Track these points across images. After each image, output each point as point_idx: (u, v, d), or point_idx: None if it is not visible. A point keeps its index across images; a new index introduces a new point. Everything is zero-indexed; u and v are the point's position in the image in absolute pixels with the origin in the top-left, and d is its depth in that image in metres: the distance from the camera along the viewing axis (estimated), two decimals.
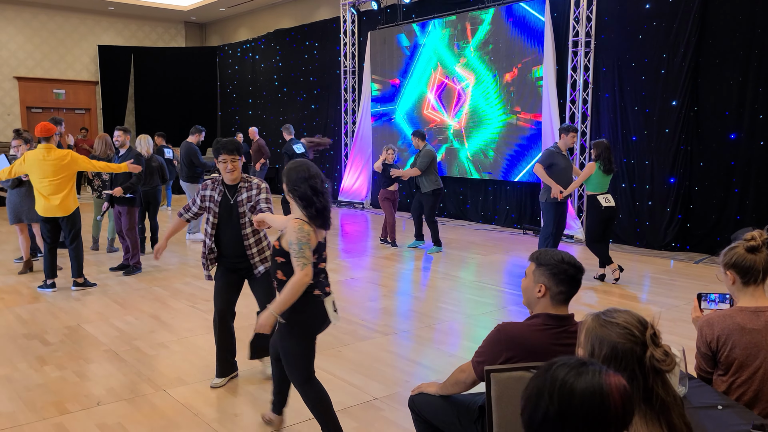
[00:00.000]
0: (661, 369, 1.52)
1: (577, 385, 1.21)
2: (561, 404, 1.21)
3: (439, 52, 11.06)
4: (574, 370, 1.24)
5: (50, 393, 3.83)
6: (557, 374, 1.24)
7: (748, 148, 7.49)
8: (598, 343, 1.57)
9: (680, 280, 6.78)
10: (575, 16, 8.97)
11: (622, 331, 1.55)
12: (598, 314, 1.63)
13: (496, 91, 10.20)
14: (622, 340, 1.54)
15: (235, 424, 3.43)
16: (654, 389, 1.52)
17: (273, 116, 15.53)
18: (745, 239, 2.44)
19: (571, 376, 1.22)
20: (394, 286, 6.53)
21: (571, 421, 1.19)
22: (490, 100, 10.31)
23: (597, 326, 1.60)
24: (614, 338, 1.55)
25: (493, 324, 2.34)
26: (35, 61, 16.47)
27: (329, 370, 4.20)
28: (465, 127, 10.76)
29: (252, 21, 17.02)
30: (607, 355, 1.55)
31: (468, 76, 10.63)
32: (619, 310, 1.62)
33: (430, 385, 2.63)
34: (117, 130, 7.05)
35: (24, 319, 5.35)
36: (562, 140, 6.67)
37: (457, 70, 10.78)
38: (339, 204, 13.15)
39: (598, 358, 1.56)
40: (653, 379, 1.52)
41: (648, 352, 1.52)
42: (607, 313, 1.61)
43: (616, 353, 1.54)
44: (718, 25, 7.64)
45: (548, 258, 2.25)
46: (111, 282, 6.63)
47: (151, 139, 8.06)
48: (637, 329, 1.55)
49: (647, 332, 1.55)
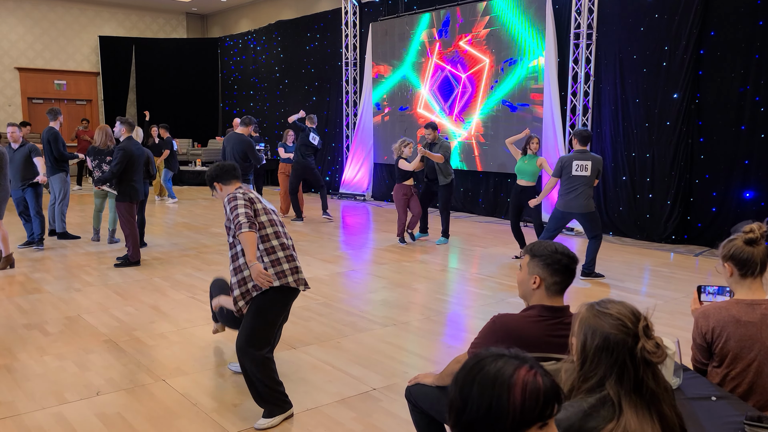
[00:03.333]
0: (651, 361, 1.53)
1: (483, 371, 1.18)
2: (463, 388, 1.19)
3: (440, 42, 11.02)
4: (492, 358, 1.20)
5: (50, 383, 3.85)
6: (477, 362, 1.21)
7: (748, 141, 7.47)
8: (590, 333, 1.58)
9: (680, 272, 6.78)
10: (577, 8, 8.93)
11: (614, 323, 1.56)
12: (592, 304, 1.64)
13: (497, 83, 10.17)
14: (614, 331, 1.55)
15: (234, 414, 3.45)
16: (644, 380, 1.53)
17: (274, 108, 15.51)
18: (744, 231, 2.44)
19: (486, 363, 1.20)
20: (394, 278, 6.54)
21: (469, 405, 1.17)
22: (490, 91, 10.28)
23: (590, 316, 1.60)
24: (607, 329, 1.56)
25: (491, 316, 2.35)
26: (36, 51, 16.46)
27: (328, 360, 4.22)
28: (465, 119, 10.74)
29: (253, 12, 16.97)
30: (599, 345, 1.56)
31: (469, 67, 10.60)
32: (613, 301, 1.63)
33: (427, 376, 2.64)
34: (117, 121, 7.04)
35: (24, 309, 5.37)
36: None
37: (458, 60, 10.75)
38: (340, 196, 13.15)
39: (590, 348, 1.57)
40: (644, 371, 1.53)
41: (639, 344, 1.53)
42: (601, 303, 1.62)
43: (608, 344, 1.55)
44: (720, 18, 7.61)
45: (542, 249, 2.26)
46: (111, 273, 6.64)
47: (142, 130, 8.02)
48: (630, 321, 1.56)
49: (640, 324, 1.55)
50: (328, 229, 9.47)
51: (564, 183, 6.31)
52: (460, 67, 10.78)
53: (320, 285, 6.21)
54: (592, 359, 1.56)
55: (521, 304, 2.43)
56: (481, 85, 10.46)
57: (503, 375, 1.17)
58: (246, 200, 3.41)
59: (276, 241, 3.45)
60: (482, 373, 1.18)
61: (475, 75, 10.56)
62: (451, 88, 10.99)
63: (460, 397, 1.18)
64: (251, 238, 3.28)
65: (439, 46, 11.07)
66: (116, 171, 6.74)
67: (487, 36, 10.26)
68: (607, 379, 1.54)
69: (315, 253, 7.67)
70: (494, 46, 10.15)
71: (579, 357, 1.60)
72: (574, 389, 1.60)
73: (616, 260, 7.34)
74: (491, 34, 10.19)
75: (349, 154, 13.13)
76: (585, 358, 1.58)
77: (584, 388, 1.57)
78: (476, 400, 1.17)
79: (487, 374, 1.18)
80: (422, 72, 11.48)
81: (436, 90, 11.25)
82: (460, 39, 10.69)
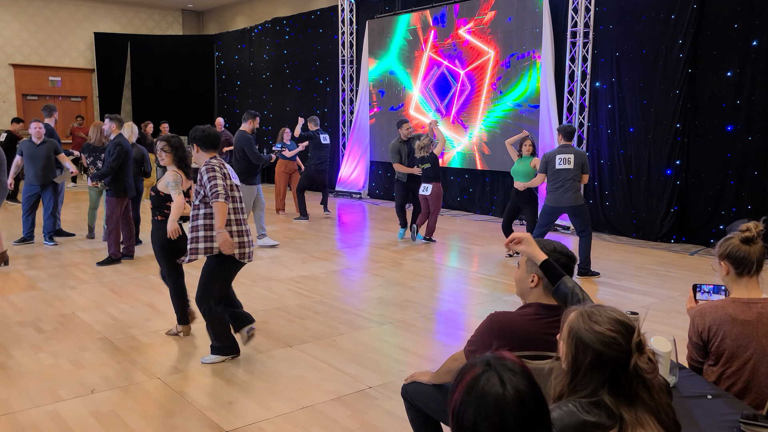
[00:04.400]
0: (644, 377, 1.50)
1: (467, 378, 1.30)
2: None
3: (437, 40, 11.01)
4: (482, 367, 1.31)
5: (44, 380, 3.84)
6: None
7: (744, 140, 7.49)
8: (582, 349, 1.53)
9: (675, 271, 6.80)
10: (574, 6, 8.93)
11: (607, 340, 1.51)
12: (582, 312, 1.58)
13: (494, 81, 10.16)
14: (606, 350, 1.51)
15: (230, 412, 3.44)
16: (638, 393, 1.51)
17: (271, 105, 15.47)
18: (741, 230, 2.44)
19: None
20: (390, 276, 6.54)
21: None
22: (487, 89, 10.27)
23: (581, 328, 1.55)
24: (599, 348, 1.51)
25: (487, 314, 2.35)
26: (31, 48, 16.38)
27: (324, 359, 4.21)
28: (461, 118, 10.73)
29: (249, 9, 16.93)
30: (592, 361, 1.52)
31: (466, 64, 10.58)
32: (604, 310, 1.56)
33: (423, 374, 2.63)
34: (107, 118, 7.01)
35: (18, 306, 5.34)
36: None
37: (455, 58, 10.74)
38: (336, 194, 13.13)
39: (582, 363, 1.53)
40: (637, 385, 1.51)
41: (633, 360, 1.50)
42: (593, 315, 1.56)
43: (600, 361, 1.51)
44: (716, 17, 7.62)
45: (540, 248, 2.26)
46: (106, 270, 6.62)
47: (137, 127, 7.97)
48: (623, 337, 1.51)
49: (633, 340, 1.51)
50: (324, 227, 9.46)
51: (550, 179, 6.42)
52: (458, 63, 10.75)
53: (316, 283, 6.20)
54: (584, 374, 1.53)
55: (518, 303, 2.43)
56: (484, 84, 10.43)
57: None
58: (221, 174, 3.96)
59: (233, 216, 4.02)
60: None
61: (476, 71, 10.53)
62: (446, 85, 10.96)
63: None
64: (224, 209, 3.86)
65: (435, 37, 11.01)
66: (114, 166, 6.73)
67: (484, 32, 10.22)
68: (600, 390, 1.52)
69: (311, 251, 7.66)
70: (491, 43, 10.10)
71: (570, 368, 1.56)
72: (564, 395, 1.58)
73: (612, 259, 7.35)
74: (488, 31, 10.14)
75: (345, 152, 13.11)
76: (577, 371, 1.55)
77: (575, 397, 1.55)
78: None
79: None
80: (415, 68, 11.43)
81: (431, 88, 11.23)
82: (458, 35, 10.65)
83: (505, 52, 9.92)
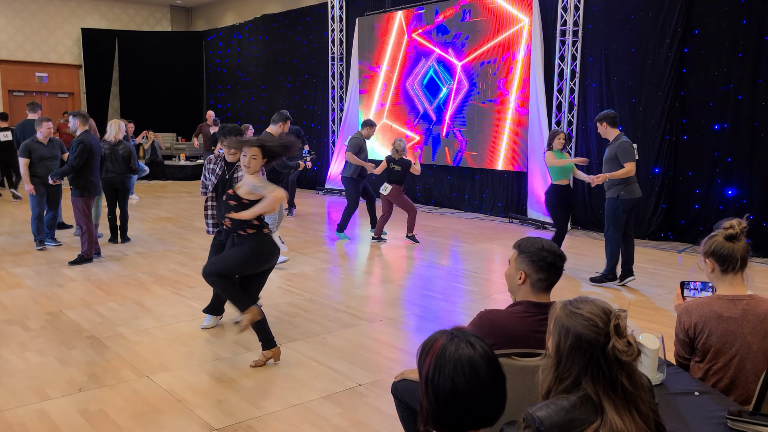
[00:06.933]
0: (623, 360, 1.53)
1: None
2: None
3: (426, 38, 11.01)
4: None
5: (31, 379, 3.81)
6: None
7: (731, 139, 7.56)
8: (564, 333, 1.58)
9: (663, 268, 6.85)
10: (563, 5, 8.96)
11: (586, 322, 1.56)
12: (566, 303, 1.64)
13: (483, 79, 10.18)
14: (586, 331, 1.55)
15: (219, 410, 3.43)
16: (619, 379, 1.53)
17: (260, 102, 15.41)
18: (724, 228, 2.47)
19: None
20: (380, 273, 6.54)
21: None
22: (476, 88, 10.29)
23: (563, 315, 1.61)
24: (579, 329, 1.56)
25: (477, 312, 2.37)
26: (17, 43, 16.20)
27: (314, 356, 4.21)
28: (451, 116, 10.74)
29: (239, 6, 16.84)
30: (573, 345, 1.56)
31: (455, 63, 10.60)
32: (586, 299, 1.63)
33: (412, 372, 2.64)
34: (71, 115, 6.81)
35: (5, 304, 5.29)
36: None
37: (445, 55, 10.74)
38: (326, 191, 13.11)
39: (563, 348, 1.58)
40: (617, 369, 1.53)
41: (611, 343, 1.53)
42: (574, 302, 1.62)
43: (580, 343, 1.55)
44: (705, 16, 7.68)
45: (529, 245, 2.27)
46: (94, 268, 6.57)
47: (124, 124, 7.88)
48: (601, 320, 1.56)
49: (611, 323, 1.55)
50: (313, 225, 9.44)
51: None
52: (445, 63, 10.75)
53: (306, 281, 6.19)
54: (566, 359, 1.57)
55: (508, 300, 2.44)
56: (467, 81, 10.43)
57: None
58: (210, 169, 4.72)
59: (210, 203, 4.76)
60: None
61: (460, 70, 10.53)
62: (435, 84, 10.96)
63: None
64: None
65: (426, 41, 11.01)
66: (76, 164, 6.51)
67: (474, 31, 10.22)
68: (583, 378, 1.55)
69: (301, 249, 7.65)
70: (480, 41, 10.11)
71: (554, 357, 1.61)
72: (552, 390, 1.61)
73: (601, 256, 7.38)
74: (477, 30, 10.15)
75: (335, 150, 13.09)
76: (560, 358, 1.59)
77: (561, 388, 1.58)
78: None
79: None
80: (404, 68, 11.42)
81: (421, 85, 11.23)
82: (447, 33, 10.65)
83: (495, 49, 9.94)
